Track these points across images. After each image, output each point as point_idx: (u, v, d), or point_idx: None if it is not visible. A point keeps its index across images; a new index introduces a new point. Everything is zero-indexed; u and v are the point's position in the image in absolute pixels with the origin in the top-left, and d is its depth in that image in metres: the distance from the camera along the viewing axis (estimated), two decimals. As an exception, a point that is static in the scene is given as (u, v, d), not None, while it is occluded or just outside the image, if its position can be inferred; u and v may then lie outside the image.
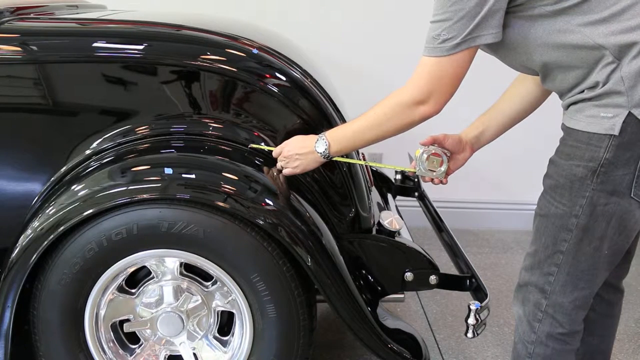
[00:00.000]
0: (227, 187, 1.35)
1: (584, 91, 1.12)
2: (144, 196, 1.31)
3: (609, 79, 1.08)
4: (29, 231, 1.34)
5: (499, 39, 1.13)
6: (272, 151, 1.42)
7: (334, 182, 1.50)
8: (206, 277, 1.47)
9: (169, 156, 1.40)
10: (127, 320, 1.48)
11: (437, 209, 1.92)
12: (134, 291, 1.47)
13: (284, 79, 1.44)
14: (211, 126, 1.44)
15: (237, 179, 1.38)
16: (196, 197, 1.32)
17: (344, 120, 1.53)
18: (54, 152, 1.42)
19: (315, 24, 2.80)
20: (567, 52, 1.11)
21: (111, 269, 1.38)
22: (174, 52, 1.41)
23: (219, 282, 1.44)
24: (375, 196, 1.80)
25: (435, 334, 2.10)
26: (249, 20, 1.97)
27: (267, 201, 1.36)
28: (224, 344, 1.50)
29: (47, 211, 1.34)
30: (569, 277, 1.20)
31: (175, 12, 2.16)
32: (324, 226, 1.44)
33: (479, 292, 1.48)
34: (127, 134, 1.42)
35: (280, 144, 1.41)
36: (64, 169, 1.41)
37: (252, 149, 1.45)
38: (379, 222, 1.56)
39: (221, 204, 1.32)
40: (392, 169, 2.05)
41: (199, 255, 1.37)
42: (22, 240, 1.35)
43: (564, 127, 1.17)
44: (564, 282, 1.20)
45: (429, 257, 1.50)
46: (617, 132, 1.07)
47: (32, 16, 1.52)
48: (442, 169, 1.40)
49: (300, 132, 1.42)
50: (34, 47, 1.39)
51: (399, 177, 2.09)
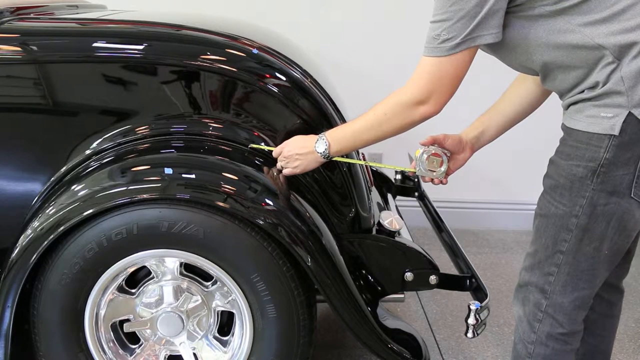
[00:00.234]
0: (227, 187, 1.35)
1: (584, 91, 1.12)
2: (144, 196, 1.31)
3: (609, 79, 1.08)
4: (29, 231, 1.35)
5: (499, 39, 1.13)
6: (272, 151, 1.42)
7: (334, 182, 1.50)
8: (206, 277, 1.47)
9: (169, 156, 1.40)
10: (127, 320, 1.48)
11: (437, 209, 1.92)
12: (134, 291, 1.47)
13: (284, 79, 1.44)
14: (211, 126, 1.44)
15: (237, 179, 1.38)
16: (196, 197, 1.32)
17: (344, 120, 1.53)
18: (54, 152, 1.42)
19: (315, 24, 2.80)
20: (567, 52, 1.11)
21: (111, 269, 1.38)
22: (174, 52, 1.41)
23: (219, 282, 1.44)
24: (375, 196, 1.80)
25: (435, 334, 2.10)
26: (249, 20, 1.97)
27: (267, 201, 1.36)
28: (224, 344, 1.50)
29: (47, 211, 1.34)
30: (569, 277, 1.20)
31: (175, 12, 2.16)
32: (324, 226, 1.44)
33: (479, 292, 1.48)
34: (127, 134, 1.42)
35: (280, 144, 1.41)
36: (64, 169, 1.41)
37: (252, 149, 1.45)
38: (379, 222, 1.56)
39: (221, 204, 1.32)
40: (392, 169, 2.04)
41: (199, 255, 1.37)
42: (22, 240, 1.35)
43: (564, 127, 1.17)
44: (564, 282, 1.20)
45: (429, 257, 1.50)
46: (617, 132, 1.07)
47: (32, 16, 1.52)
48: (442, 169, 1.40)
49: (300, 132, 1.42)
50: (34, 47, 1.39)
51: (399, 177, 2.09)
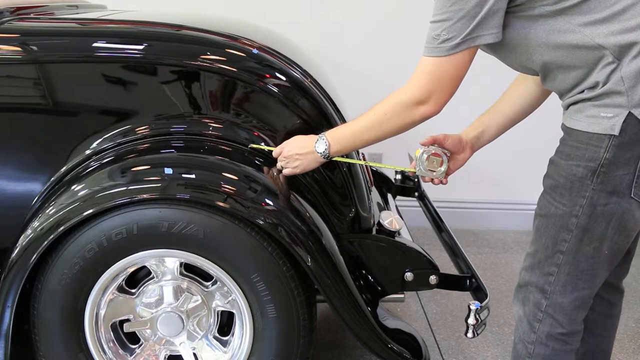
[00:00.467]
0: (227, 187, 1.35)
1: (584, 91, 1.12)
2: (144, 196, 1.31)
3: (609, 79, 1.08)
4: (29, 231, 1.35)
5: (499, 39, 1.13)
6: (272, 151, 1.42)
7: (334, 182, 1.50)
8: (206, 277, 1.47)
9: (169, 156, 1.40)
10: (127, 320, 1.48)
11: (437, 209, 1.92)
12: (134, 291, 1.47)
13: (284, 79, 1.44)
14: (211, 126, 1.44)
15: (237, 179, 1.38)
16: (196, 197, 1.32)
17: (344, 120, 1.53)
18: (54, 152, 1.42)
19: (315, 24, 2.80)
20: (567, 52, 1.11)
21: (111, 269, 1.38)
22: (174, 52, 1.41)
23: (219, 282, 1.44)
24: (375, 196, 1.80)
25: (435, 334, 2.10)
26: (249, 20, 1.97)
27: (267, 201, 1.36)
28: (224, 344, 1.50)
29: (47, 211, 1.34)
30: (569, 277, 1.20)
31: (175, 12, 2.16)
32: (324, 226, 1.44)
33: (479, 292, 1.48)
34: (127, 134, 1.42)
35: (280, 144, 1.41)
36: (64, 169, 1.41)
37: (252, 149, 1.45)
38: (379, 222, 1.56)
39: (221, 204, 1.32)
40: (392, 169, 2.04)
41: (199, 255, 1.37)
42: (22, 240, 1.35)
43: (564, 127, 1.17)
44: (564, 282, 1.20)
45: (429, 257, 1.50)
46: (617, 132, 1.07)
47: (32, 16, 1.52)
48: (442, 169, 1.40)
49: (300, 132, 1.42)
50: (34, 47, 1.39)
51: (399, 177, 2.09)
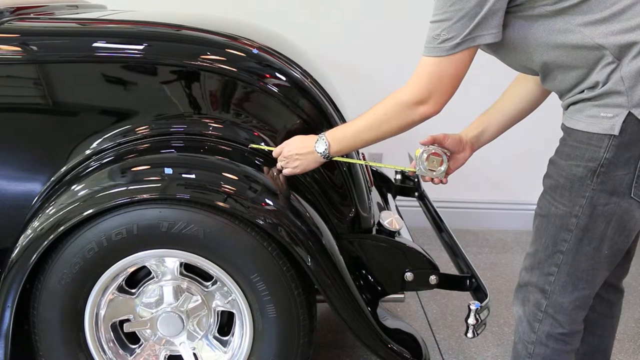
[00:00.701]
0: (227, 187, 1.35)
1: (583, 91, 1.12)
2: (144, 196, 1.31)
3: (609, 79, 1.08)
4: (29, 231, 1.34)
5: (499, 39, 1.13)
6: (272, 151, 1.42)
7: (334, 182, 1.50)
8: (206, 277, 1.47)
9: (169, 156, 1.40)
10: (127, 320, 1.48)
11: (437, 209, 1.92)
12: (134, 291, 1.47)
13: (284, 79, 1.44)
14: (211, 126, 1.44)
15: (237, 179, 1.38)
16: (196, 197, 1.32)
17: (344, 120, 1.52)
18: (54, 152, 1.42)
19: (315, 24, 2.80)
20: (567, 52, 1.11)
21: (111, 269, 1.38)
22: (174, 52, 1.41)
23: (219, 282, 1.44)
24: (375, 196, 1.80)
25: (435, 334, 2.10)
26: (249, 20, 1.97)
27: (267, 201, 1.36)
28: (224, 344, 1.50)
29: (47, 211, 1.34)
30: (569, 277, 1.20)
31: (175, 12, 2.16)
32: (324, 226, 1.44)
33: (479, 292, 1.48)
34: (127, 134, 1.42)
35: (280, 144, 1.41)
36: (64, 169, 1.41)
37: (252, 149, 1.45)
38: (379, 222, 1.56)
39: (221, 204, 1.32)
40: (392, 169, 2.05)
41: (199, 255, 1.37)
42: (22, 240, 1.35)
43: (564, 127, 1.17)
44: (564, 282, 1.21)
45: (429, 257, 1.50)
46: (617, 132, 1.07)
47: (32, 16, 1.52)
48: (442, 168, 1.40)
49: (300, 132, 1.42)
50: (34, 47, 1.38)
51: (399, 177, 2.09)
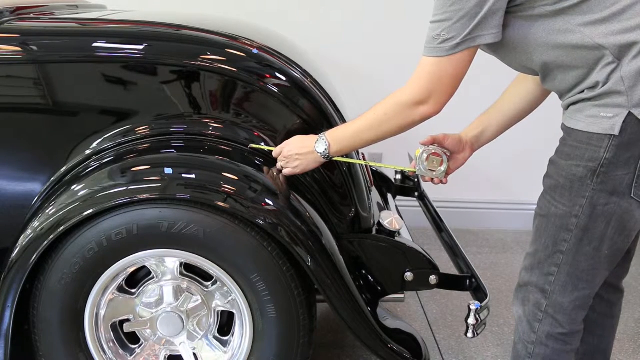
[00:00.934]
0: (227, 187, 1.35)
1: (584, 91, 1.12)
2: (144, 196, 1.31)
3: (609, 79, 1.08)
4: (29, 231, 1.34)
5: (499, 39, 1.13)
6: (272, 151, 1.42)
7: (334, 182, 1.50)
8: (206, 277, 1.47)
9: (169, 156, 1.40)
10: (127, 320, 1.48)
11: (437, 209, 1.92)
12: (134, 291, 1.47)
13: (284, 79, 1.44)
14: (211, 126, 1.44)
15: (237, 179, 1.38)
16: (196, 197, 1.32)
17: (344, 120, 1.52)
18: (54, 152, 1.42)
19: (315, 24, 2.80)
20: (567, 52, 1.11)
21: (111, 269, 1.38)
22: (174, 52, 1.41)
23: (219, 282, 1.44)
24: (375, 196, 1.80)
25: (435, 334, 2.10)
26: (249, 20, 1.97)
27: (267, 201, 1.36)
28: (224, 344, 1.50)
29: (47, 211, 1.34)
30: (569, 277, 1.20)
31: (175, 12, 2.16)
32: (324, 226, 1.44)
33: (479, 292, 1.48)
34: (127, 134, 1.42)
35: (280, 144, 1.41)
36: (64, 169, 1.41)
37: (252, 149, 1.45)
38: (379, 222, 1.56)
39: (221, 204, 1.32)
40: (392, 169, 2.05)
41: (199, 255, 1.37)
42: (22, 240, 1.35)
43: (564, 127, 1.17)
44: (564, 282, 1.21)
45: (429, 257, 1.50)
46: (617, 132, 1.07)
47: (32, 16, 1.52)
48: (442, 168, 1.40)
49: (300, 132, 1.42)
50: (34, 47, 1.38)
51: (399, 177, 2.09)
